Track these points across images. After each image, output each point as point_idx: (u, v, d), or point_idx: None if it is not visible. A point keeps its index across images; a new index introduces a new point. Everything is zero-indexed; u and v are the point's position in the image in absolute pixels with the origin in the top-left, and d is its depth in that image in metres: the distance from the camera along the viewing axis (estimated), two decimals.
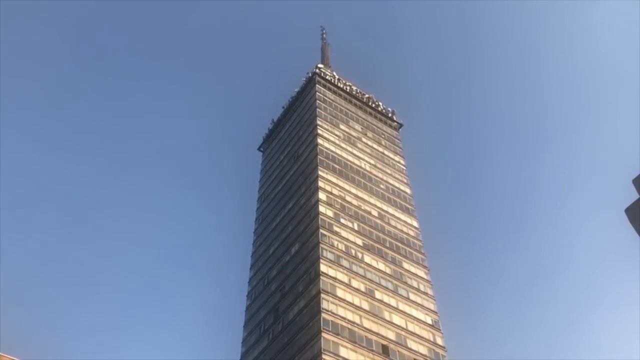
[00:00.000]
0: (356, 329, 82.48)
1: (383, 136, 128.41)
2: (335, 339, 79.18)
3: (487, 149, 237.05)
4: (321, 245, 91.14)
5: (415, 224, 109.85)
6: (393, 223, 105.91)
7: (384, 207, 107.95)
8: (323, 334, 78.40)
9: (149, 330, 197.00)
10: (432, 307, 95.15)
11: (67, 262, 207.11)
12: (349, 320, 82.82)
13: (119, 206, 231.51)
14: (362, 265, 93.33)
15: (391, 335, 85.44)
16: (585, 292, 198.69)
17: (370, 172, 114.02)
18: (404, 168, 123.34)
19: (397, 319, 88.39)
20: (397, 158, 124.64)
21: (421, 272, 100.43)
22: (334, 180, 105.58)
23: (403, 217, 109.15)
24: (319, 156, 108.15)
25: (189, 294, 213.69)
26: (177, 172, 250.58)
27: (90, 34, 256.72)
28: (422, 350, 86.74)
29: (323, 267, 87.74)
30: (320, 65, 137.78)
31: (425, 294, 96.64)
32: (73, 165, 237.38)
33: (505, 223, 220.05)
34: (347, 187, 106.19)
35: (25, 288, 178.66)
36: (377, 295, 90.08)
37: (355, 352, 79.58)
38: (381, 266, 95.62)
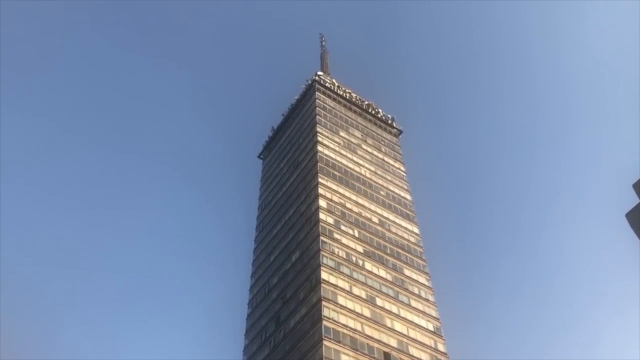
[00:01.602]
0: (357, 337, 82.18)
1: (383, 143, 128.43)
2: (337, 347, 78.86)
3: (486, 155, 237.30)
4: (322, 252, 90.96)
5: (416, 230, 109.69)
6: (394, 230, 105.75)
7: (385, 214, 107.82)
8: (324, 342, 78.10)
9: (149, 340, 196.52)
10: (433, 313, 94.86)
11: (72, 268, 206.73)
12: (350, 328, 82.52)
13: (120, 212, 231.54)
14: (363, 272, 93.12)
15: (393, 342, 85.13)
16: (586, 296, 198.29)
17: (371, 179, 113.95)
18: (404, 174, 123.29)
19: (398, 326, 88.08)
20: (397, 164, 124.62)
21: (422, 279, 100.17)
22: (334, 187, 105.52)
23: (404, 223, 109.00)
24: (319, 163, 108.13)
25: (190, 303, 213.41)
26: (177, 180, 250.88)
27: (92, 44, 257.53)
28: (424, 357, 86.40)
29: (324, 275, 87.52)
30: (319, 73, 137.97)
31: (427, 300, 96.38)
32: (77, 171, 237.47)
33: (506, 229, 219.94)
34: (347, 194, 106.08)
35: (26, 286, 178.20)
36: (378, 302, 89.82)
37: (357, 359, 79.26)
38: (382, 273, 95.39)
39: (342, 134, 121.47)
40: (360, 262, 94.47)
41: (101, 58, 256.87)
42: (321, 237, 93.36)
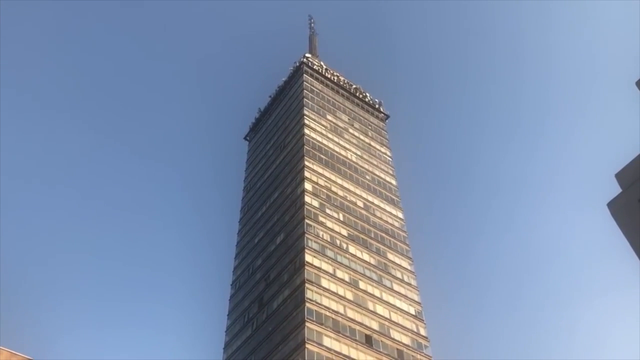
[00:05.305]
0: (340, 319, 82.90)
1: (370, 127, 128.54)
2: (319, 329, 79.53)
3: (472, 141, 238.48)
4: (306, 235, 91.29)
5: (400, 215, 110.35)
6: (378, 214, 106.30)
7: (370, 198, 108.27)
8: (307, 324, 78.72)
9: (131, 318, 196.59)
10: (415, 297, 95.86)
11: (46, 251, 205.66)
12: (332, 310, 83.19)
13: (102, 195, 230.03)
14: (347, 255, 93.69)
15: (374, 325, 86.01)
16: (567, 283, 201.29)
17: (357, 163, 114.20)
18: (390, 159, 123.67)
19: (380, 309, 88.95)
20: (383, 149, 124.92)
21: (405, 263, 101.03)
22: (320, 170, 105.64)
23: (388, 208, 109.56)
24: (305, 146, 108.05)
25: (174, 283, 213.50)
26: (161, 160, 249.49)
27: (69, 22, 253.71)
28: (405, 340, 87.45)
29: (308, 257, 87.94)
30: (307, 55, 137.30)
31: (409, 284, 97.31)
32: (52, 151, 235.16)
33: (490, 215, 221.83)
34: (333, 177, 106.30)
35: (22, 285, 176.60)
36: (361, 285, 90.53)
37: (339, 341, 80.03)
38: (366, 257, 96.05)
39: (329, 117, 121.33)
40: (345, 246, 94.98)
41: (83, 38, 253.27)
42: (306, 220, 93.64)
